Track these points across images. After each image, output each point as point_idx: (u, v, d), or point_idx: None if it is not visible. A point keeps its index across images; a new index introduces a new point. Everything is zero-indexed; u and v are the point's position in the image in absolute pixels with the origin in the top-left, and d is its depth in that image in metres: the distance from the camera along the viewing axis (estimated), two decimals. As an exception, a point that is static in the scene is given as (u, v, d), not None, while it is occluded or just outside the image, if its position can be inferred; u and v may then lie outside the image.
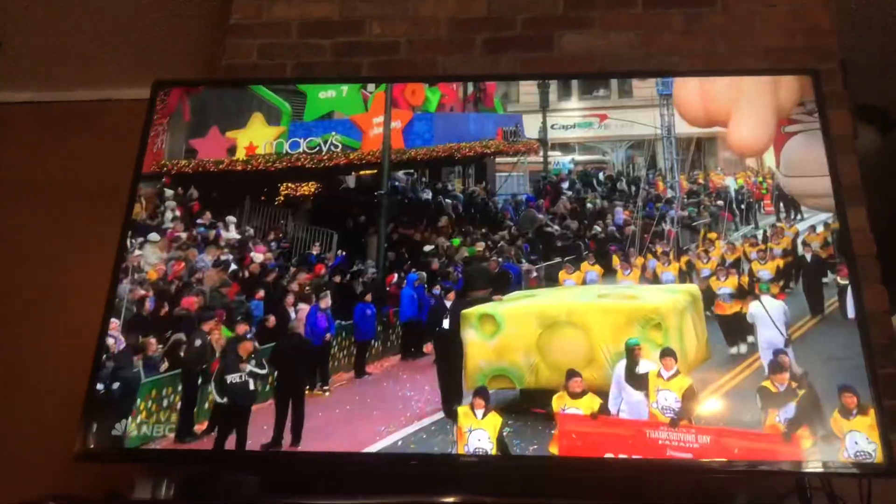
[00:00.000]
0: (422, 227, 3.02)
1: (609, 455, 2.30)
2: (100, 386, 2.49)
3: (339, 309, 2.72)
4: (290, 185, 3.05)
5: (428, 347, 2.71)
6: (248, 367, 2.53)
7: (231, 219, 2.94)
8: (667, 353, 2.42)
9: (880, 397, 2.26)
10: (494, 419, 2.39)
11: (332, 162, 2.98)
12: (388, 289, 2.78)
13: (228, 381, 2.51)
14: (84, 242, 3.85)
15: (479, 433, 2.37)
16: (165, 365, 2.58)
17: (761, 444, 2.27)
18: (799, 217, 2.87)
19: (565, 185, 3.18)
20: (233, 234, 2.93)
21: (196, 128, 3.02)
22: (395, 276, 2.80)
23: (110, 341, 2.58)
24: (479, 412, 2.40)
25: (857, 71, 3.77)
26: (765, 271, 2.71)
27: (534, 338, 2.60)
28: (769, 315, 2.53)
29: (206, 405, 2.50)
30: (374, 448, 2.40)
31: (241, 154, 2.98)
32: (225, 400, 2.49)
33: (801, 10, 3.26)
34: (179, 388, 2.52)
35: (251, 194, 3.00)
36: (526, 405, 2.55)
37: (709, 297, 2.71)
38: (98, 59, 4.28)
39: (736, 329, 2.64)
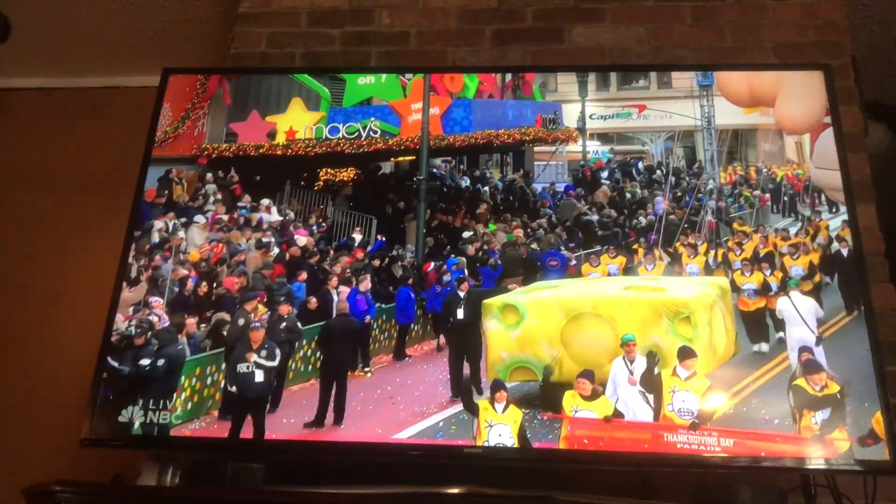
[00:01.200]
0: (460, 214, 3.04)
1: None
2: (145, 362, 2.51)
3: (379, 292, 2.76)
4: (329, 170, 3.05)
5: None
6: (254, 358, 2.48)
7: (265, 201, 2.96)
8: (685, 352, 2.34)
9: (887, 395, 2.29)
10: (515, 413, 2.31)
11: (371, 147, 2.99)
12: (423, 276, 2.82)
13: (237, 370, 2.48)
14: (92, 229, 3.84)
15: (501, 428, 2.28)
16: (209, 343, 2.62)
17: (792, 447, 2.20)
18: (834, 210, 2.81)
19: (604, 174, 3.17)
20: (275, 216, 2.96)
21: (236, 111, 3.02)
22: (432, 262, 2.82)
23: (154, 319, 2.61)
24: (500, 406, 2.32)
25: (867, 68, 3.74)
26: (797, 267, 2.65)
27: (558, 329, 2.55)
28: (798, 312, 2.49)
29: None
30: (414, 428, 2.41)
31: (281, 138, 2.98)
32: (234, 389, 2.46)
33: (814, 5, 3.22)
34: (223, 366, 2.54)
35: (291, 179, 3.02)
36: (548, 393, 2.47)
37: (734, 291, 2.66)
38: (108, 46, 4.21)
39: (759, 327, 2.59)
